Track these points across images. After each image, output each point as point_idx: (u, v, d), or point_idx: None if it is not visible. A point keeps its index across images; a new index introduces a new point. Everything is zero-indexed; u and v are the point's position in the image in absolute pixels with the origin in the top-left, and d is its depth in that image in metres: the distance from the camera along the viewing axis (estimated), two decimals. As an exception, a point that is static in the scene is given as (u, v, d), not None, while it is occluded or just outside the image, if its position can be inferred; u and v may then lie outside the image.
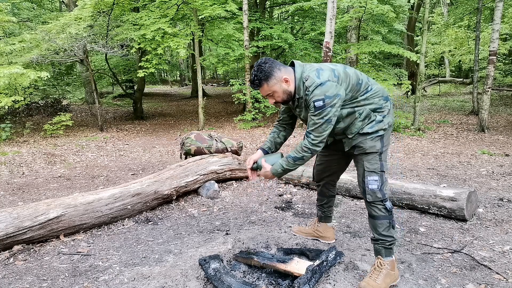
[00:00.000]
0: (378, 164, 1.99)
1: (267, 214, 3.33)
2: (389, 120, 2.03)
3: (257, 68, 1.94)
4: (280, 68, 1.95)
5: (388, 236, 1.99)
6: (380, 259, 1.99)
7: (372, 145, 1.99)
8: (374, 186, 1.97)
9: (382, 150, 2.01)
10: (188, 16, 10.88)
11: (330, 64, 2.02)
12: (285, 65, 2.02)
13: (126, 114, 13.22)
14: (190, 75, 21.32)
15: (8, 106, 7.31)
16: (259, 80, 1.94)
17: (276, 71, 1.93)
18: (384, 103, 2.03)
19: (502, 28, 11.97)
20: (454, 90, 17.16)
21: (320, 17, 12.61)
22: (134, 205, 3.22)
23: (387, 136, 2.04)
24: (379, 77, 8.08)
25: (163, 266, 2.30)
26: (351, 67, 2.10)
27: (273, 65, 1.94)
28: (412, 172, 4.76)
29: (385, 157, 2.05)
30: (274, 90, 1.97)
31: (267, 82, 1.94)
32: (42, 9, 15.59)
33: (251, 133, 8.92)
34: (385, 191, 1.99)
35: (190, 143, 4.27)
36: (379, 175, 1.98)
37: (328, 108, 1.86)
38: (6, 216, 2.56)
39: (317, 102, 1.87)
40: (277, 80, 1.94)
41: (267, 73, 1.92)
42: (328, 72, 1.92)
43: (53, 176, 5.14)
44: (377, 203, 1.98)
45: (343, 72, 1.95)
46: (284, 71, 1.96)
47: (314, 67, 1.96)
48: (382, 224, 1.98)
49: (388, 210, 1.98)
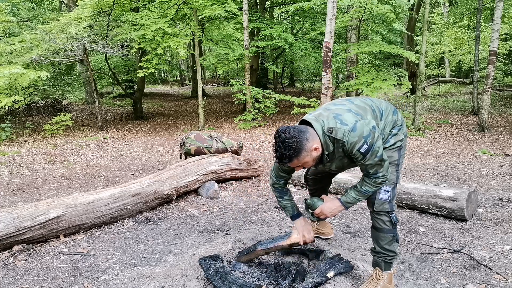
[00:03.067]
0: (394, 175, 1.92)
1: (267, 214, 3.33)
2: (403, 131, 1.98)
3: (283, 146, 1.69)
4: (307, 138, 1.71)
5: (390, 250, 1.92)
6: (379, 271, 1.95)
7: (390, 155, 1.92)
8: (385, 196, 1.90)
9: (399, 161, 1.95)
10: (188, 16, 10.87)
11: (336, 105, 1.89)
12: (303, 127, 1.78)
13: (126, 114, 13.22)
14: (190, 75, 21.32)
15: (8, 106, 7.32)
16: (288, 158, 1.72)
17: (305, 143, 1.70)
18: (395, 117, 1.96)
19: (502, 28, 11.97)
20: (454, 90, 17.16)
21: (320, 17, 12.61)
22: (134, 205, 3.22)
23: (404, 147, 1.99)
24: (379, 77, 8.07)
25: (163, 266, 2.30)
26: (353, 97, 2.01)
27: (300, 137, 1.69)
28: (412, 172, 4.76)
29: (401, 169, 1.98)
30: (305, 162, 1.77)
31: (297, 158, 1.73)
32: (42, 9, 15.59)
33: (251, 133, 8.92)
34: (393, 203, 1.93)
35: (190, 143, 4.26)
36: (392, 187, 1.91)
37: (374, 146, 1.73)
38: (6, 216, 2.56)
39: (362, 148, 1.71)
40: (307, 152, 1.73)
41: (296, 149, 1.69)
42: (348, 114, 1.78)
43: (53, 176, 5.14)
44: (383, 214, 1.91)
45: (358, 107, 1.85)
46: (311, 139, 1.73)
47: (329, 116, 1.78)
48: (386, 238, 1.92)
49: (393, 224, 1.91)
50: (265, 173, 4.82)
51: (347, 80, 9.74)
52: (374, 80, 7.87)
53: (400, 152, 1.96)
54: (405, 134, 1.99)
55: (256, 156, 5.90)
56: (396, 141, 1.94)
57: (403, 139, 1.96)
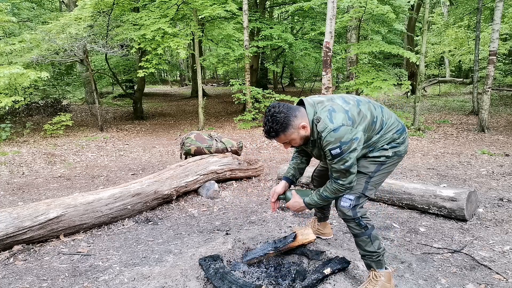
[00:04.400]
0: (361, 186, 1.89)
1: (267, 214, 3.33)
2: (396, 150, 1.91)
3: (271, 119, 1.76)
4: (296, 115, 1.78)
5: (371, 251, 1.92)
6: (374, 271, 1.96)
7: (365, 165, 1.90)
8: (346, 204, 1.89)
9: (374, 174, 1.90)
10: (188, 16, 10.88)
11: (343, 100, 1.86)
12: (296, 106, 1.85)
13: (126, 114, 13.22)
14: (190, 75, 21.32)
15: (8, 106, 7.31)
16: (275, 131, 1.77)
17: (292, 120, 1.76)
18: (396, 136, 1.91)
19: (502, 28, 11.97)
20: (454, 90, 17.16)
21: (320, 17, 12.62)
22: (134, 205, 3.22)
23: (387, 165, 1.92)
24: (379, 77, 8.07)
25: (163, 266, 2.30)
26: (364, 99, 1.93)
27: (289, 113, 1.76)
28: (412, 172, 4.76)
29: (374, 183, 1.93)
30: (292, 139, 1.82)
31: (284, 133, 1.78)
32: (42, 9, 15.59)
33: (251, 133, 8.92)
34: (357, 210, 1.89)
35: (190, 143, 4.26)
36: (356, 196, 1.88)
37: (346, 155, 1.72)
38: (6, 216, 2.56)
39: (334, 150, 1.72)
40: (294, 128, 1.78)
41: (283, 123, 1.75)
42: (341, 114, 1.76)
43: (53, 176, 5.13)
44: (349, 220, 1.91)
45: (357, 113, 1.81)
46: (300, 117, 1.79)
47: (326, 107, 1.80)
48: (363, 241, 1.93)
49: (363, 227, 1.90)
50: (265, 173, 4.82)
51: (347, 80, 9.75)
52: (374, 80, 7.88)
53: (379, 166, 1.90)
54: (398, 155, 1.93)
55: (256, 156, 5.90)
56: (381, 155, 1.90)
57: (390, 156, 1.90)
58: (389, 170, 1.96)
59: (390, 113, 1.98)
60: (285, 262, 2.24)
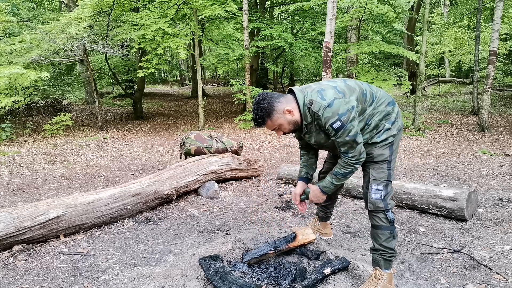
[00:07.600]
0: (385, 173, 1.94)
1: (267, 214, 3.33)
2: (398, 126, 1.97)
3: (256, 107, 1.86)
4: (279, 100, 1.86)
5: (388, 247, 1.94)
6: (378, 270, 1.96)
7: (381, 153, 1.93)
8: (377, 195, 1.93)
9: (391, 158, 1.95)
10: (188, 16, 10.87)
11: (328, 81, 1.95)
12: (284, 94, 1.94)
13: (126, 114, 13.22)
14: (190, 75, 21.33)
15: (8, 106, 7.31)
16: (261, 118, 1.86)
17: (276, 105, 1.84)
18: (390, 109, 1.96)
19: (502, 28, 11.97)
20: (454, 90, 17.16)
21: (320, 17, 12.61)
22: (134, 205, 3.22)
23: (396, 143, 1.98)
24: (379, 77, 8.08)
25: (163, 266, 2.30)
26: (349, 78, 2.00)
27: (272, 99, 1.85)
28: (412, 172, 4.76)
29: (393, 166, 1.97)
30: (279, 124, 1.89)
31: (270, 118, 1.86)
32: (42, 9, 15.58)
33: (251, 133, 8.92)
34: (388, 201, 1.94)
35: (190, 143, 4.26)
36: (384, 185, 1.93)
37: (347, 125, 1.77)
38: (6, 216, 2.56)
39: (335, 124, 1.77)
40: (279, 113, 1.86)
41: (267, 109, 1.84)
42: (331, 90, 1.83)
43: (53, 176, 5.13)
44: (379, 212, 1.94)
45: (345, 86, 1.88)
46: (284, 102, 1.87)
47: (314, 89, 1.87)
48: (384, 235, 1.94)
49: (390, 221, 1.93)
50: (265, 173, 4.82)
51: (347, 80, 9.71)
52: (374, 80, 7.89)
53: (391, 148, 1.96)
54: (399, 129, 1.98)
55: (256, 156, 5.91)
56: (388, 136, 1.94)
57: (395, 134, 1.96)
58: (397, 147, 2.02)
59: (377, 88, 2.04)
60: (285, 262, 2.24)
